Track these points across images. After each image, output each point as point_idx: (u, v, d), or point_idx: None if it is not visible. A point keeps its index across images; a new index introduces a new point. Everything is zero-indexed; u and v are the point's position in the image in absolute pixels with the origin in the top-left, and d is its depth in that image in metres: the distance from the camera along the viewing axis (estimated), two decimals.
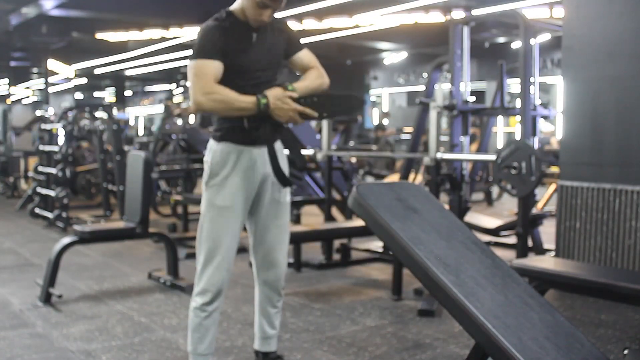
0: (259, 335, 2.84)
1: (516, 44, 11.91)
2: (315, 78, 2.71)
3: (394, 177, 8.63)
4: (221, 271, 2.59)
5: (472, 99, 5.13)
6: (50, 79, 17.63)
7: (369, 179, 10.77)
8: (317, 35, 13.83)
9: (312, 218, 7.21)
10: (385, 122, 15.07)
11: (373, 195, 2.09)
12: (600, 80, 4.31)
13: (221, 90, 2.47)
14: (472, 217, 5.30)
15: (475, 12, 9.82)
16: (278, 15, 2.63)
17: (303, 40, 2.78)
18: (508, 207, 8.85)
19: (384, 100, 19.17)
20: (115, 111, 18.59)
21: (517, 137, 4.67)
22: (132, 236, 4.57)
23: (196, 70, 2.48)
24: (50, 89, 17.99)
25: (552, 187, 7.27)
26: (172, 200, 7.39)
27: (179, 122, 12.27)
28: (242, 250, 2.93)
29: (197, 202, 6.20)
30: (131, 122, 24.64)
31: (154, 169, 7.24)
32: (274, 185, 2.70)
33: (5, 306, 4.13)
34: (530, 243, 4.70)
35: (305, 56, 2.76)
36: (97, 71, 20.69)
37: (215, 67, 2.48)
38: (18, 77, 19.57)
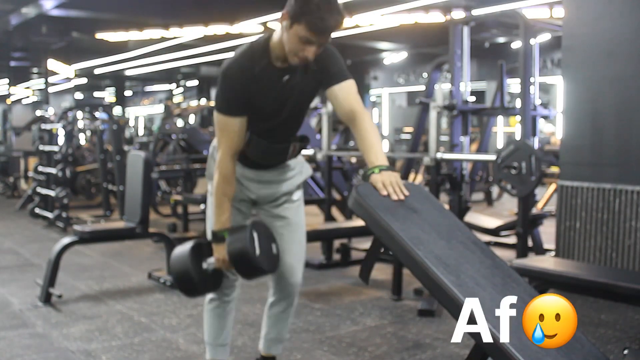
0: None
1: (516, 44, 11.90)
2: (377, 136, 2.29)
3: None
4: None
5: (472, 99, 5.13)
6: (50, 79, 17.59)
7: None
8: None
9: (312, 218, 7.21)
10: None
11: (373, 195, 2.09)
12: (600, 80, 4.31)
13: (227, 183, 2.37)
14: (472, 217, 5.30)
15: (475, 12, 9.81)
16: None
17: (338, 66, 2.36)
18: (508, 207, 8.85)
19: (384, 100, 19.17)
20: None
21: (517, 137, 4.67)
22: (132, 236, 4.57)
23: (220, 125, 2.35)
24: (50, 89, 17.94)
25: (552, 187, 7.27)
26: (172, 200, 7.39)
27: (179, 122, 12.27)
28: None
29: (197, 202, 6.24)
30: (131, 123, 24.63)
31: (154, 169, 7.24)
32: None
33: (5, 306, 4.13)
34: (530, 243, 4.71)
35: (342, 92, 2.34)
36: (97, 71, 20.67)
37: (239, 124, 2.34)
38: (18, 77, 19.56)
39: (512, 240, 5.35)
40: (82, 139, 11.18)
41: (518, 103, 4.67)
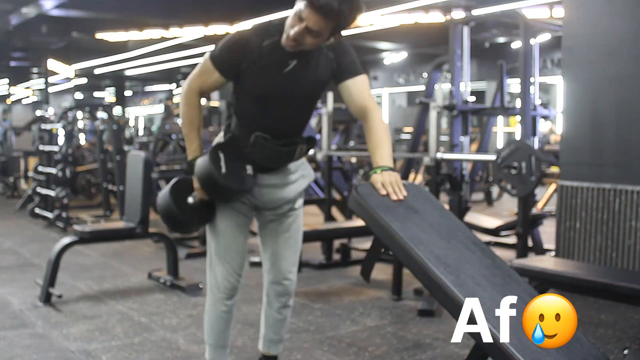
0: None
1: (516, 44, 11.90)
2: (385, 134, 2.30)
3: None
4: None
5: (472, 99, 5.13)
6: (50, 79, 17.59)
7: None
8: None
9: (312, 218, 7.21)
10: None
11: (373, 195, 2.09)
12: (600, 80, 4.31)
13: (192, 110, 2.35)
14: (472, 217, 5.30)
15: (475, 12, 9.81)
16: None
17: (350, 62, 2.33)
18: (508, 207, 8.85)
19: (384, 100, 19.17)
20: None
21: (517, 137, 4.67)
22: (132, 236, 4.57)
23: (202, 69, 2.32)
24: (50, 89, 17.94)
25: (552, 187, 7.27)
26: None
27: (179, 122, 12.25)
28: None
29: None
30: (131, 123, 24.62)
31: (154, 169, 7.24)
32: None
33: (5, 306, 4.13)
34: (530, 243, 4.71)
35: (355, 87, 2.32)
36: (97, 71, 20.67)
37: (216, 80, 2.31)
38: (18, 77, 19.56)
39: (512, 240, 5.35)
40: (82, 139, 11.18)
41: (518, 103, 4.67)
